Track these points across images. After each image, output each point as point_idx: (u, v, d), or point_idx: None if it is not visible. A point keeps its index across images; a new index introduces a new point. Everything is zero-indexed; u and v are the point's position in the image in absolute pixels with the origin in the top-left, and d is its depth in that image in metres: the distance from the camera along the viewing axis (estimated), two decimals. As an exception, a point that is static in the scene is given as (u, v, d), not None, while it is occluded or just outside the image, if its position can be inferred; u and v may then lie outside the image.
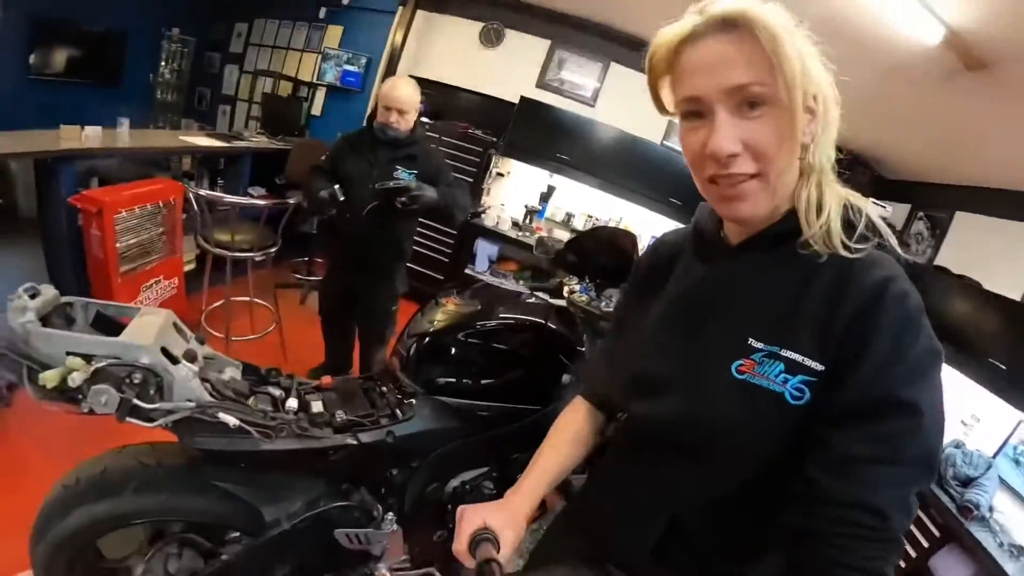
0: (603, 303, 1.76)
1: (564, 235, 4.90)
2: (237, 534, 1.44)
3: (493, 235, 4.81)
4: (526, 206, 5.02)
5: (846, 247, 0.71)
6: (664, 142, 5.07)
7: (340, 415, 1.44)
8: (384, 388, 1.63)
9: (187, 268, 3.66)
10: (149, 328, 1.16)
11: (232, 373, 1.42)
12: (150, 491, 1.28)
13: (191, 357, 1.20)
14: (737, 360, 0.75)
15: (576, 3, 4.76)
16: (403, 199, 2.41)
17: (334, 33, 5.46)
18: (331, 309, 3.09)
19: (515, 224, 4.95)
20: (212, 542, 1.44)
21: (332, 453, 1.35)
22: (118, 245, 2.84)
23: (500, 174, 5.09)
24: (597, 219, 5.07)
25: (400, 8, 5.07)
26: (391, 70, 5.08)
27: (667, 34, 0.75)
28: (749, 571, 0.83)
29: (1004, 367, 2.76)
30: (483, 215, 4.90)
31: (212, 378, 1.28)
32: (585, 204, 5.11)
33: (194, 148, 4.27)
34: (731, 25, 0.68)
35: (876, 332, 0.66)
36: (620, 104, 4.99)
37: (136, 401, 1.04)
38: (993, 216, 3.64)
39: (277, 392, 1.46)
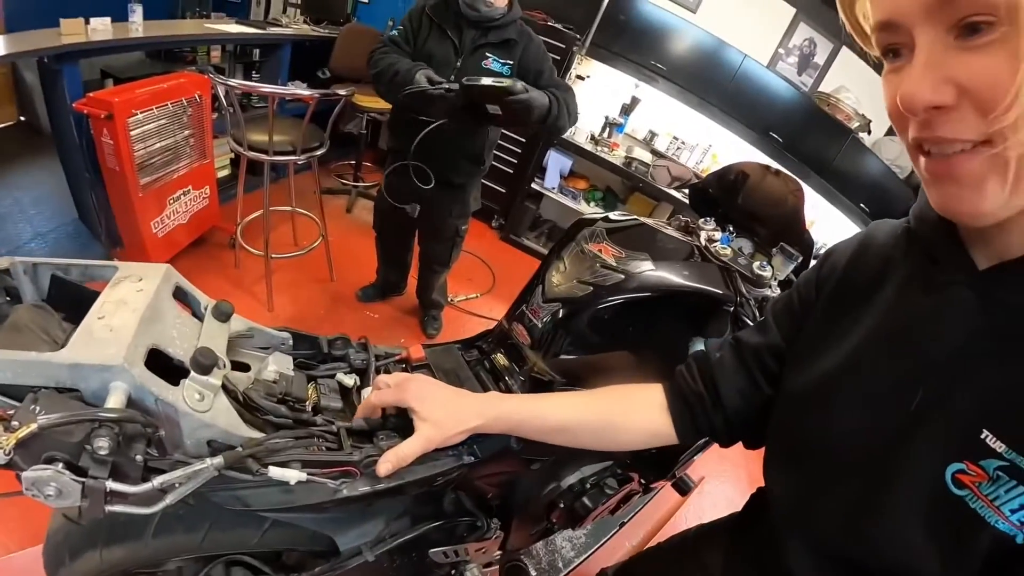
0: (756, 263, 1.21)
1: (647, 156, 4.24)
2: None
3: (567, 147, 4.09)
4: (606, 117, 4.25)
5: None
6: (770, 67, 4.25)
7: None
8: (498, 363, 1.14)
9: (220, 175, 3.13)
10: (127, 313, 0.58)
11: (278, 362, 0.84)
12: (181, 528, 0.82)
13: (205, 360, 0.60)
14: (958, 463, 0.45)
15: None
16: (497, 106, 1.77)
17: None
18: (389, 223, 2.55)
19: (592, 137, 4.21)
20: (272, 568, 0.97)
21: (439, 479, 0.87)
22: (136, 153, 2.30)
23: (580, 77, 4.27)
24: (683, 142, 4.32)
25: None
26: None
27: None
28: None
29: None
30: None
31: (248, 386, 0.73)
32: (671, 124, 4.33)
33: (224, 36, 3.54)
34: None
35: None
36: (727, 13, 4.11)
37: (113, 486, 0.51)
38: None
39: (349, 379, 0.94)
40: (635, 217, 1.26)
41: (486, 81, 1.72)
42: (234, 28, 3.57)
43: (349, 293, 2.87)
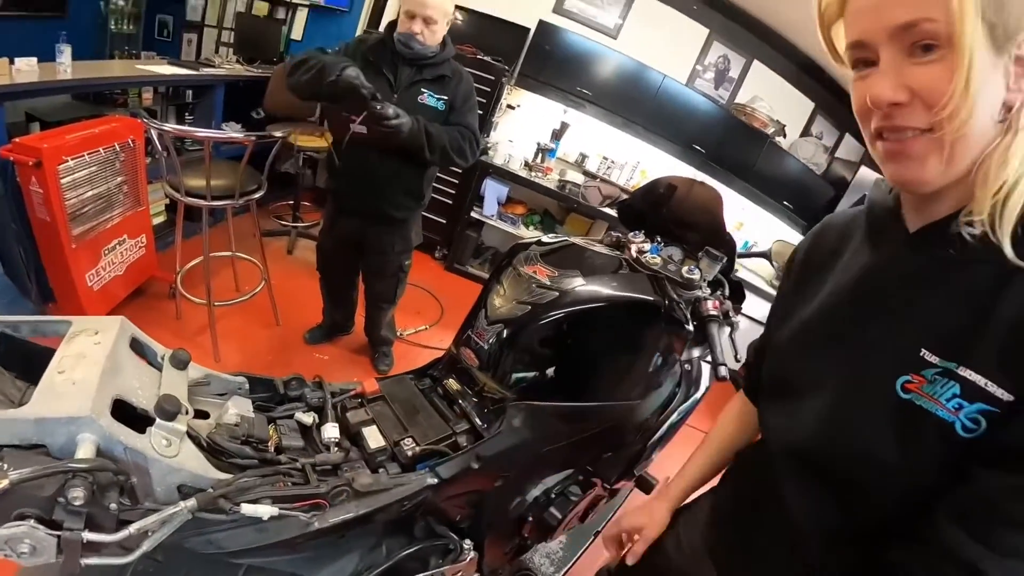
0: (685, 268, 1.31)
1: (579, 177, 4.41)
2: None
3: (503, 174, 4.20)
4: (538, 143, 4.40)
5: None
6: (688, 84, 4.54)
7: (409, 445, 1.01)
8: (450, 388, 1.21)
9: (156, 221, 3.02)
10: (87, 366, 0.60)
11: (238, 405, 0.87)
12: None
13: (170, 407, 0.63)
14: (904, 375, 0.60)
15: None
16: (365, 126, 1.94)
17: None
18: (332, 263, 2.56)
19: (526, 163, 4.34)
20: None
21: (405, 503, 0.91)
22: (68, 202, 2.17)
23: (511, 106, 4.42)
24: (613, 161, 4.54)
25: None
26: None
27: None
28: None
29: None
30: (491, 152, 4.28)
31: (211, 431, 0.75)
32: (601, 144, 4.53)
33: (156, 78, 3.44)
34: None
35: None
36: (645, 38, 4.37)
37: (89, 536, 0.53)
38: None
39: (307, 417, 0.97)
40: (565, 238, 1.34)
41: (378, 107, 1.83)
42: (166, 70, 3.50)
43: (296, 336, 2.84)
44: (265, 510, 0.66)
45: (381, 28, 4.11)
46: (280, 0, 4.68)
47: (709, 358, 1.19)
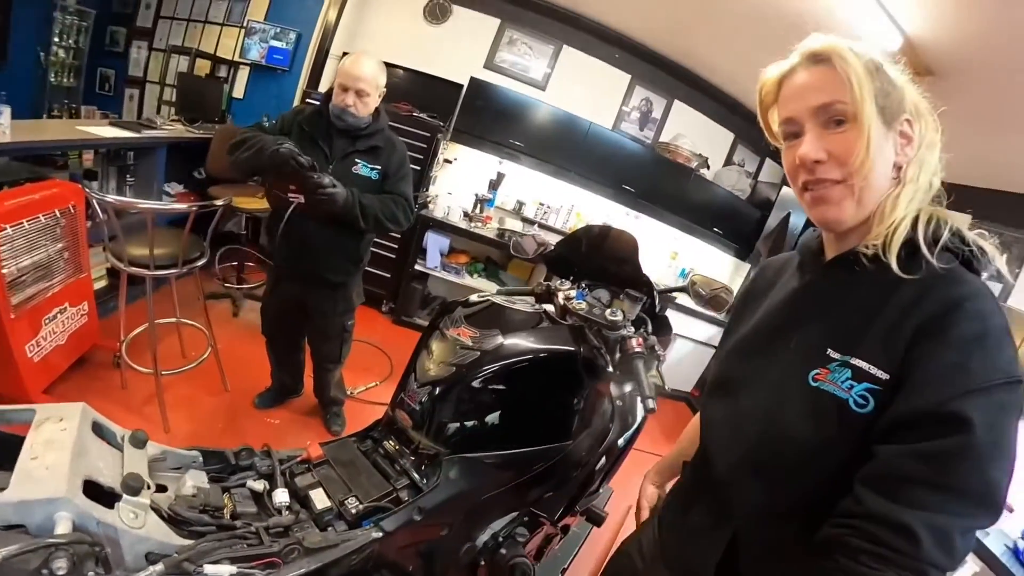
0: (608, 311, 1.44)
1: (518, 225, 4.61)
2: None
3: (443, 226, 4.37)
4: (476, 194, 4.59)
5: (915, 258, 0.72)
6: (615, 128, 4.88)
7: (353, 503, 1.10)
8: (389, 448, 1.31)
9: (97, 287, 2.97)
10: (57, 451, 0.70)
11: (194, 478, 0.96)
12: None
13: (134, 484, 0.72)
14: (814, 369, 0.77)
15: (527, -21, 4.38)
16: (301, 194, 2.06)
17: (259, 4, 4.64)
18: (276, 327, 2.61)
19: (465, 214, 4.53)
20: None
21: (354, 557, 1.00)
22: (6, 271, 2.14)
23: (447, 160, 4.62)
24: (549, 206, 4.79)
25: None
26: (324, 47, 4.47)
27: (772, 71, 0.85)
28: None
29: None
30: (431, 205, 4.45)
31: (171, 503, 0.83)
32: (536, 191, 4.79)
33: (97, 141, 3.44)
34: (819, 58, 0.78)
35: (943, 344, 0.66)
36: (571, 88, 4.71)
37: None
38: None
39: (258, 484, 1.07)
40: (488, 298, 1.48)
41: (315, 176, 1.95)
42: (108, 132, 3.48)
43: (246, 401, 2.82)
44: (225, 570, 0.74)
45: (321, 88, 4.38)
46: (221, 59, 4.78)
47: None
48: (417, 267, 4.33)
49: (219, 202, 2.47)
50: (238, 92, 4.81)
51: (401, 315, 4.38)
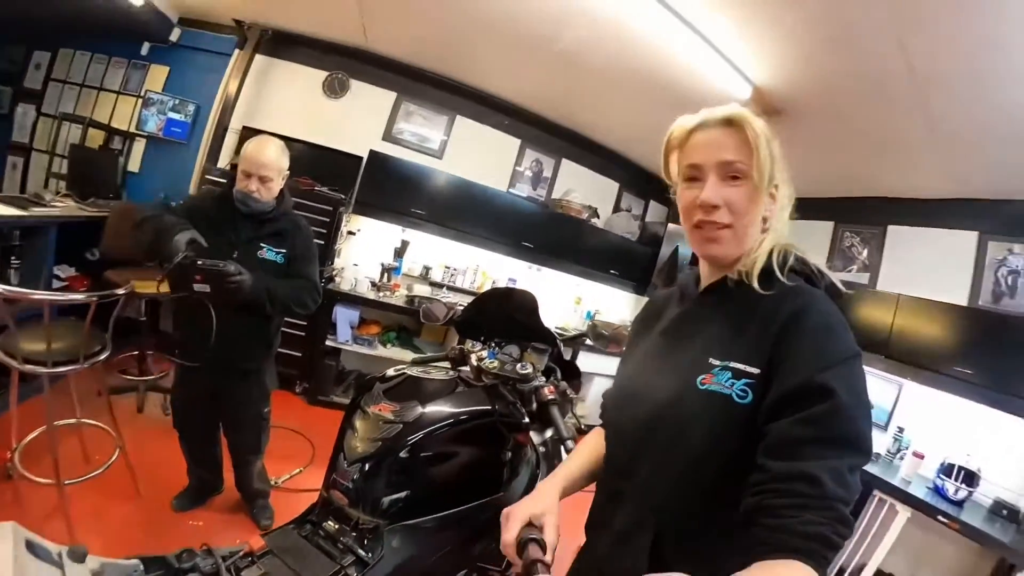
0: (518, 366, 1.62)
1: (426, 290, 4.73)
2: None
3: (351, 299, 4.39)
4: (382, 264, 4.67)
5: (771, 280, 0.93)
6: (510, 189, 5.22)
7: None
8: (329, 529, 1.34)
9: None
10: None
11: None
12: None
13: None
14: (701, 375, 0.92)
15: (422, 56, 4.64)
16: (207, 285, 2.02)
17: (158, 74, 4.62)
18: (189, 420, 2.49)
19: (373, 284, 4.58)
20: None
21: None
22: None
23: (351, 232, 4.70)
24: (455, 269, 4.97)
25: (237, 51, 4.49)
26: (224, 120, 4.42)
27: (685, 122, 1.00)
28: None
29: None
30: (338, 278, 4.48)
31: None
32: (441, 255, 4.96)
33: None
34: (730, 123, 0.95)
35: (800, 336, 0.85)
36: (467, 155, 5.00)
37: None
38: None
39: None
40: (403, 371, 1.56)
41: (220, 264, 1.96)
42: None
43: (164, 505, 2.61)
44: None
45: (220, 162, 4.37)
46: (116, 130, 4.59)
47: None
48: (328, 343, 4.29)
49: (121, 290, 2.35)
50: (134, 166, 4.63)
51: (317, 395, 4.28)
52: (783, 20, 2.71)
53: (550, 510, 1.03)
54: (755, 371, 0.87)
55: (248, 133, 4.33)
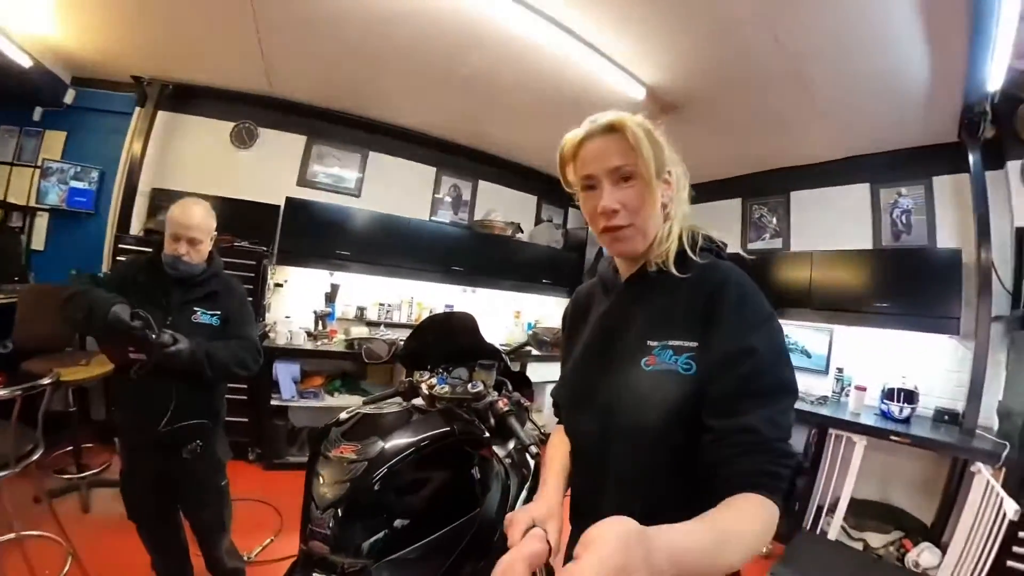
0: (469, 385, 1.67)
1: (364, 331, 4.70)
2: None
3: (290, 353, 4.27)
4: (315, 311, 4.59)
5: (686, 262, 1.03)
6: (432, 217, 5.30)
7: None
8: None
9: None
10: None
11: None
12: None
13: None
14: (644, 358, 0.99)
15: (328, 96, 4.62)
16: (143, 353, 1.95)
17: (54, 141, 4.32)
18: (144, 508, 2.31)
19: (309, 334, 4.48)
20: None
21: None
22: None
23: (278, 284, 4.60)
24: (390, 305, 4.97)
25: (137, 109, 4.30)
26: (132, 184, 4.20)
27: (572, 136, 1.06)
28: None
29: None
30: (272, 334, 4.35)
31: None
32: (373, 293, 4.95)
33: None
34: (611, 129, 1.01)
35: (722, 308, 0.94)
36: (384, 190, 5.04)
37: None
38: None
39: None
40: (356, 411, 1.56)
41: (154, 335, 1.89)
42: None
43: None
44: None
45: (132, 230, 4.15)
46: (14, 205, 4.22)
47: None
48: (274, 402, 4.15)
49: (46, 379, 2.21)
50: (38, 243, 4.29)
51: (272, 459, 4.12)
52: (663, 24, 2.97)
53: (553, 513, 1.03)
54: (693, 344, 0.95)
55: (159, 194, 4.21)
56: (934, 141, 3.78)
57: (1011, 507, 2.30)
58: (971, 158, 3.55)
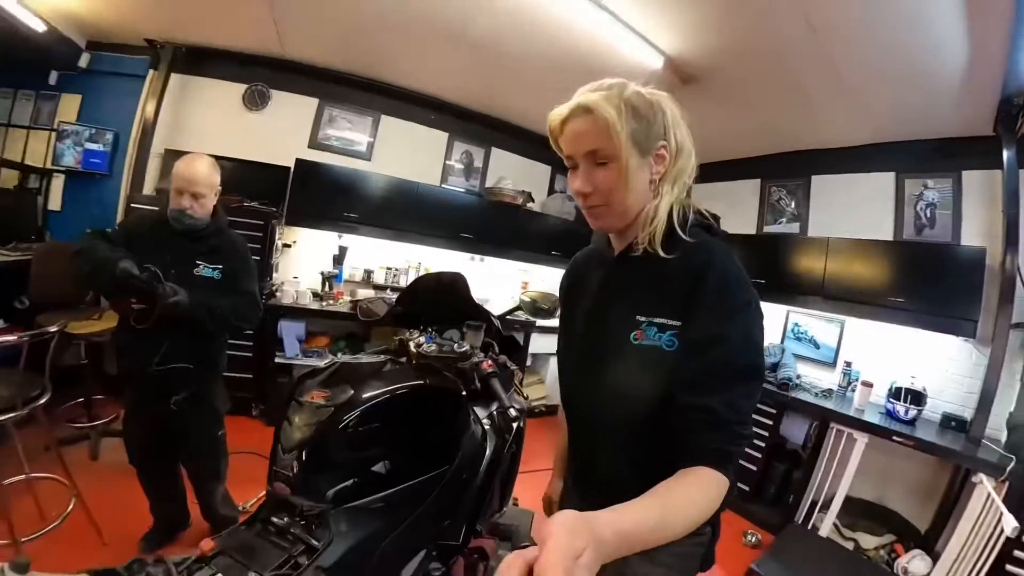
0: (455, 345, 1.66)
1: (370, 293, 4.70)
2: None
3: (295, 312, 4.32)
4: (322, 273, 4.62)
5: (674, 240, 1.03)
6: (443, 184, 5.27)
7: None
8: (279, 523, 1.33)
9: None
10: None
11: None
12: None
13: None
14: (633, 331, 1.04)
15: (340, 59, 4.60)
16: (144, 305, 2.01)
17: (70, 104, 4.39)
18: (144, 455, 2.42)
19: (315, 295, 4.52)
20: None
21: None
22: None
23: (287, 245, 4.63)
24: (397, 269, 4.98)
25: (151, 72, 4.33)
26: (145, 145, 4.26)
27: (556, 114, 1.05)
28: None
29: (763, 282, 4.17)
30: (278, 293, 4.38)
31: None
32: (381, 257, 4.97)
33: None
34: (586, 110, 1.00)
35: (704, 292, 0.97)
36: (395, 154, 5.00)
37: None
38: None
39: None
40: (335, 360, 1.58)
41: (143, 276, 1.93)
42: None
43: (131, 549, 2.48)
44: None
45: (146, 190, 4.23)
46: (31, 167, 4.36)
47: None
48: (278, 360, 4.22)
49: (52, 328, 2.30)
50: (55, 204, 4.42)
51: (273, 415, 4.20)
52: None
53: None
54: (676, 323, 1.00)
55: (171, 156, 4.19)
56: (967, 133, 3.56)
57: (1010, 524, 2.25)
58: (1005, 154, 3.31)
